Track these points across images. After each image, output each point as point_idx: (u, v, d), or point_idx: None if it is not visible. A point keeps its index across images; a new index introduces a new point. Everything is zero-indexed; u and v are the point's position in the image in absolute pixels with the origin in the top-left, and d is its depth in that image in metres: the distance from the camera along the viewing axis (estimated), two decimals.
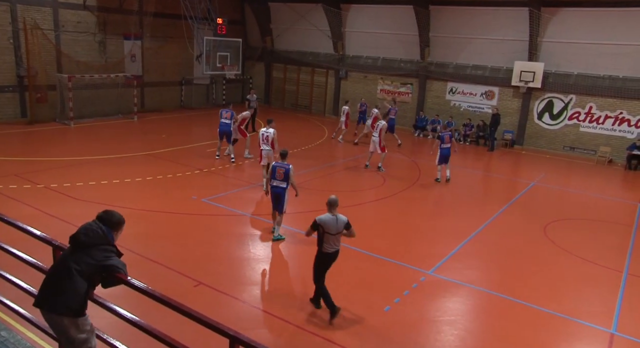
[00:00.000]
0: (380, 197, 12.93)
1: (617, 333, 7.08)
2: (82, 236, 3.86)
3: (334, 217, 6.70)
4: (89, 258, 3.79)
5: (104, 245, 3.90)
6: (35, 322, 4.51)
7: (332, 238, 6.73)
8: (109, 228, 4.04)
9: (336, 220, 6.69)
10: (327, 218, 6.69)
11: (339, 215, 6.76)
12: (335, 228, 6.69)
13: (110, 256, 3.89)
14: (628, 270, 9.36)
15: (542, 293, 8.18)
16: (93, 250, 3.83)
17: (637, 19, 18.75)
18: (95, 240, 3.87)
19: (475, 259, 9.52)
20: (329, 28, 25.86)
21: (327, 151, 18.68)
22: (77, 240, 3.86)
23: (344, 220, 6.77)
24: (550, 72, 20.94)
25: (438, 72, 23.62)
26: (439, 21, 22.99)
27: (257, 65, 29.63)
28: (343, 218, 6.76)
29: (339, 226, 6.71)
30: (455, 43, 22.99)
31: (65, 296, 3.70)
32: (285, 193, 9.27)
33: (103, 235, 3.91)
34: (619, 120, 19.99)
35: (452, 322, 7.19)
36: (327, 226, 6.66)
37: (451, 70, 23.40)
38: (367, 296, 7.63)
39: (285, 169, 9.14)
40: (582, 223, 11.98)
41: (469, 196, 13.99)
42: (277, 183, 9.23)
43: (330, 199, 6.78)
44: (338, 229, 6.72)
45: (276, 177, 9.21)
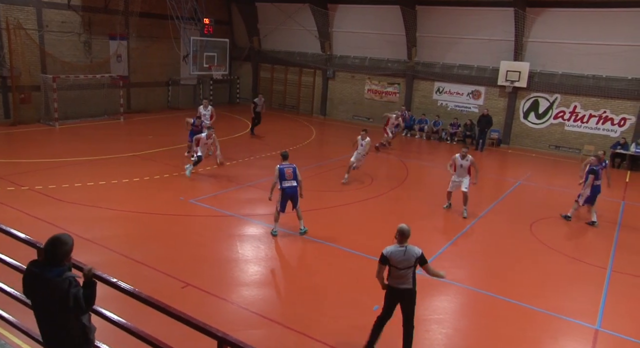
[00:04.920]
0: (368, 196, 12.96)
1: (602, 329, 7.18)
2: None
3: (403, 248, 5.81)
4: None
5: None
6: (20, 326, 4.45)
7: (399, 273, 5.83)
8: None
9: (404, 253, 5.79)
10: (394, 249, 5.83)
11: (409, 246, 5.85)
12: (402, 262, 5.78)
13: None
14: (612, 267, 9.49)
15: (529, 290, 8.26)
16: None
17: (619, 20, 19.03)
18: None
19: (462, 258, 9.59)
20: (316, 28, 25.87)
21: (316, 151, 18.69)
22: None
23: (416, 253, 5.83)
24: (535, 71, 21.17)
25: (425, 71, 23.75)
26: (425, 21, 23.11)
27: (244, 66, 29.55)
28: (415, 251, 5.84)
29: (408, 259, 5.78)
30: (442, 43, 23.14)
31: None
32: (297, 192, 9.71)
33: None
34: (603, 119, 20.28)
35: (440, 320, 7.24)
36: (394, 259, 5.79)
37: (438, 70, 23.55)
38: (356, 295, 7.65)
39: (293, 168, 9.66)
40: (567, 221, 12.11)
41: (456, 195, 14.06)
42: (289, 183, 9.58)
43: (400, 228, 5.87)
44: (407, 263, 5.79)
45: (286, 177, 9.56)
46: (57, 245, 3.57)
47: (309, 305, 7.30)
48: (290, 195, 9.64)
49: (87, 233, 8.96)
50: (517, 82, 21.15)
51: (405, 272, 5.81)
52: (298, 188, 9.68)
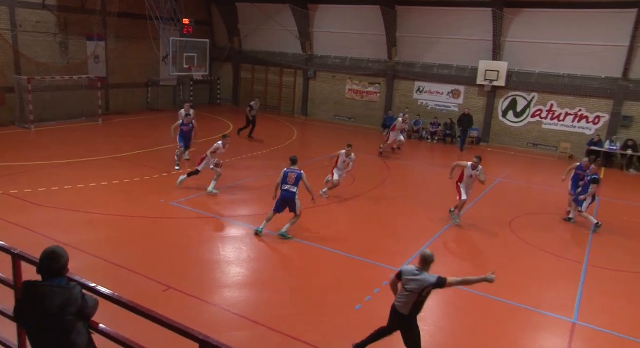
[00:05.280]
0: (350, 196, 13.00)
1: (578, 322, 7.34)
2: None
3: (418, 272, 5.46)
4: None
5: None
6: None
7: (403, 292, 5.54)
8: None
9: (416, 275, 5.43)
10: (411, 268, 5.55)
11: (426, 274, 5.45)
12: (410, 283, 5.45)
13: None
14: (588, 261, 9.70)
15: (509, 286, 8.39)
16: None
17: (593, 20, 19.43)
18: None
19: (443, 255, 9.69)
20: (296, 28, 25.87)
21: (298, 151, 18.61)
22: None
23: (428, 282, 5.37)
24: (513, 71, 21.50)
25: (405, 71, 23.93)
26: (405, 21, 23.29)
27: (225, 66, 29.39)
28: (428, 280, 5.38)
29: (417, 283, 5.40)
30: (422, 43, 23.34)
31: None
32: (296, 198, 9.62)
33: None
34: (578, 117, 20.71)
35: (422, 318, 7.24)
36: (405, 276, 5.51)
37: (418, 69, 23.74)
38: (339, 295, 7.68)
39: (297, 174, 9.65)
40: (545, 218, 12.34)
41: (438, 194, 14.21)
42: (289, 187, 9.60)
43: (424, 254, 5.54)
44: (414, 287, 5.42)
45: (288, 181, 9.60)
46: (55, 259, 3.48)
47: (292, 305, 7.31)
48: (285, 200, 9.63)
49: (66, 238, 8.81)
50: (496, 81, 21.45)
51: (407, 295, 5.47)
52: (297, 194, 9.60)
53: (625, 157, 19.41)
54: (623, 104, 19.82)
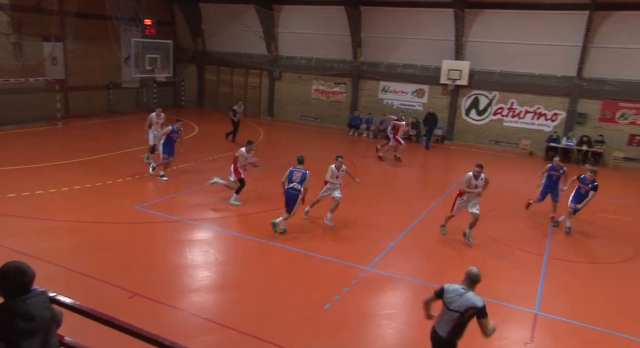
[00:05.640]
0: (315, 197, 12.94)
1: (540, 313, 7.59)
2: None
3: (463, 291, 5.03)
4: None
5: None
6: None
7: (442, 312, 5.15)
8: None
9: (461, 295, 5.00)
10: (453, 287, 5.12)
11: (471, 293, 5.00)
12: (452, 304, 5.01)
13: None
14: (549, 253, 10.04)
15: None
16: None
17: (549, 21, 20.10)
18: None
19: (411, 252, 9.86)
20: (261, 29, 25.76)
21: (265, 152, 18.55)
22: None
23: (473, 304, 4.90)
24: (475, 70, 22.01)
25: (370, 71, 24.16)
26: (370, 22, 23.51)
27: (189, 67, 28.98)
28: (474, 301, 4.92)
29: (460, 304, 4.95)
30: (386, 43, 23.62)
31: None
32: (298, 197, 9.87)
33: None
34: (537, 114, 21.40)
35: (391, 315, 7.41)
36: (447, 295, 5.10)
37: (383, 69, 24.01)
38: (308, 295, 7.70)
39: (303, 173, 9.91)
40: (507, 213, 12.67)
41: (405, 192, 14.44)
42: (294, 185, 9.88)
43: (470, 273, 5.13)
44: (456, 307, 4.97)
45: (293, 180, 9.88)
46: (24, 272, 3.25)
47: (261, 307, 7.28)
48: (289, 198, 9.90)
49: (25, 247, 8.52)
50: (459, 80, 21.91)
51: (448, 316, 5.04)
52: (300, 194, 9.85)
53: (581, 153, 20.16)
54: (578, 102, 20.60)
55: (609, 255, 10.34)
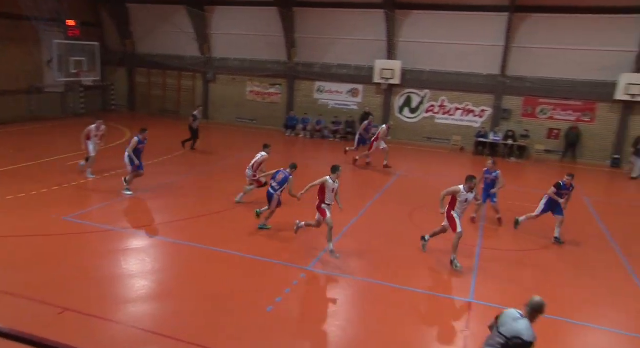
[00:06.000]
0: (254, 199, 12.84)
1: (475, 301, 7.94)
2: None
3: (518, 317, 4.71)
4: None
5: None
6: None
7: (493, 338, 4.79)
8: None
9: (514, 321, 4.70)
10: (511, 311, 4.82)
11: (525, 322, 4.66)
12: (502, 327, 4.72)
13: None
14: (481, 244, 10.52)
15: (411, 274, 8.86)
16: None
17: (473, 22, 21.07)
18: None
19: (351, 250, 9.97)
20: (193, 30, 25.22)
21: (200, 155, 18.22)
22: None
23: (520, 334, 4.57)
24: (407, 69, 22.68)
25: (305, 72, 24.29)
26: (303, 22, 23.63)
27: (118, 71, 27.87)
28: (522, 331, 4.59)
29: (508, 330, 4.65)
30: (320, 43, 23.83)
31: None
32: (275, 196, 10.35)
33: None
34: (466, 111, 22.40)
35: (333, 313, 7.49)
36: (502, 319, 4.81)
37: (318, 69, 24.21)
38: (250, 299, 7.62)
39: (285, 176, 10.32)
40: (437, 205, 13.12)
41: (343, 191, 14.57)
42: (274, 185, 10.39)
43: (532, 301, 4.74)
44: (506, 332, 4.67)
45: (275, 179, 10.42)
46: None
47: (201, 314, 7.13)
48: (267, 194, 10.49)
49: None
50: (392, 79, 22.50)
51: (495, 340, 4.75)
52: (277, 194, 10.34)
53: (506, 147, 21.30)
54: (502, 99, 21.75)
55: (533, 243, 10.96)
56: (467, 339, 6.89)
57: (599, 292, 8.72)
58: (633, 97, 19.60)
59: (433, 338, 7.00)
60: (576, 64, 20.37)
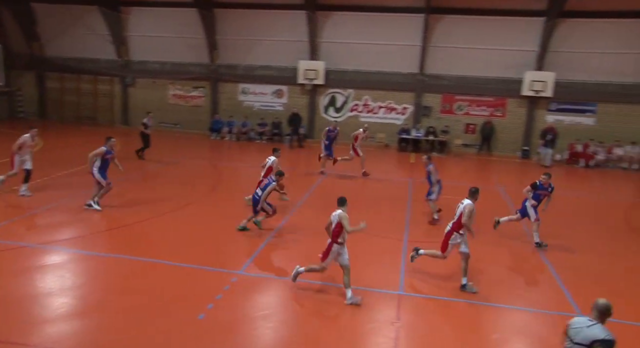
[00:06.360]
0: (178, 206, 12.44)
1: (404, 293, 8.22)
2: None
3: (590, 323, 4.68)
4: None
5: None
6: None
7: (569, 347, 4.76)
8: None
9: (587, 328, 4.66)
10: (579, 319, 4.82)
11: (598, 326, 4.64)
12: (577, 336, 4.68)
13: None
14: (407, 237, 10.90)
15: (338, 271, 8.98)
16: None
17: (393, 23, 21.85)
18: None
19: (282, 250, 10.00)
20: (109, 32, 24.09)
21: (122, 163, 17.43)
22: None
23: (603, 335, 4.55)
24: (330, 69, 23.03)
25: (229, 74, 23.99)
26: (224, 24, 23.31)
27: (26, 75, 26.05)
28: (597, 333, 4.58)
29: (584, 337, 4.62)
30: (242, 45, 23.63)
31: None
32: (260, 202, 10.38)
33: None
34: (389, 109, 23.17)
35: (266, 316, 7.44)
36: (572, 328, 4.78)
37: (241, 71, 23.99)
38: (180, 307, 7.40)
39: (268, 181, 10.48)
40: (367, 203, 13.46)
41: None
42: (258, 190, 10.56)
43: (597, 304, 4.72)
44: (582, 340, 4.64)
45: (260, 185, 10.61)
46: None
47: (128, 328, 6.82)
48: (252, 201, 10.63)
49: None
50: (316, 80, 22.76)
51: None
52: (261, 199, 10.35)
53: (428, 142, 22.25)
54: (422, 96, 22.68)
55: None
56: (399, 330, 7.10)
57: (514, 272, 9.32)
58: (537, 92, 21.19)
59: (366, 332, 7.15)
60: (486, 62, 21.68)
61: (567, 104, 21.88)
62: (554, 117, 21.94)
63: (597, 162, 21.03)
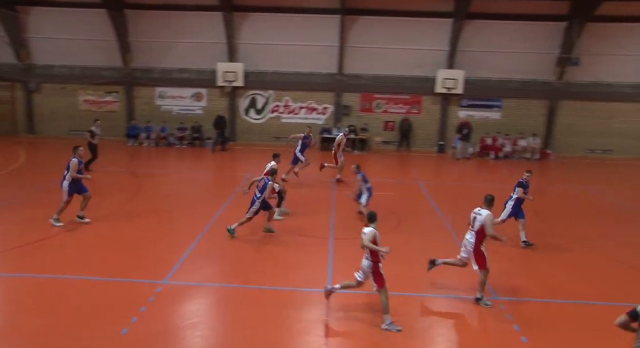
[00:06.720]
0: (93, 218, 11.75)
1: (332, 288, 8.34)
2: None
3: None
4: None
5: None
6: None
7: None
8: None
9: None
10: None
11: None
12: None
13: None
14: (333, 235, 11.09)
15: (273, 273, 8.99)
16: None
17: (311, 23, 22.13)
18: None
19: (208, 256, 9.78)
20: (5, 34, 22.31)
21: (29, 176, 16.27)
22: None
23: None
24: (250, 71, 22.87)
25: (144, 77, 23.12)
26: (137, 25, 22.40)
27: None
28: None
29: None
30: (158, 47, 22.86)
31: None
32: (256, 202, 10.54)
33: None
34: (310, 109, 23.47)
35: (195, 324, 7.26)
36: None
37: (157, 75, 23.20)
38: (102, 324, 7.03)
39: (265, 182, 10.54)
40: (292, 204, 13.50)
41: (195, 198, 14.20)
42: (256, 191, 10.70)
43: None
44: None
45: (257, 186, 10.71)
46: None
47: None
48: (251, 202, 10.71)
49: None
50: (235, 82, 22.50)
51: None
52: (259, 200, 10.51)
53: (349, 141, 22.69)
54: (342, 95, 23.17)
55: (380, 227, 11.84)
56: (327, 326, 7.21)
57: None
58: (449, 90, 22.38)
59: (297, 331, 7.19)
60: (402, 61, 22.57)
61: (476, 100, 23.31)
62: (466, 113, 23.27)
63: (505, 153, 22.60)
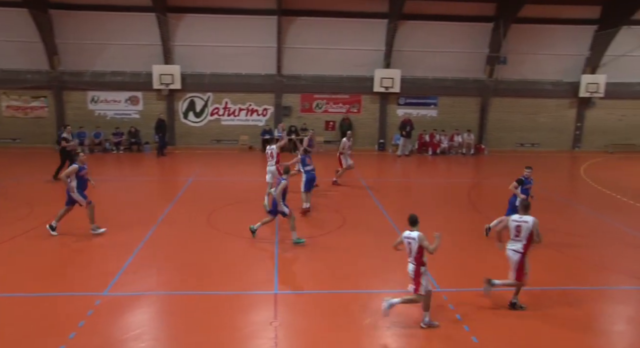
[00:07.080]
0: (20, 231, 11.11)
1: (278, 292, 8.35)
2: None
3: None
4: None
5: None
6: None
7: None
8: None
9: None
10: None
11: None
12: None
13: None
14: (278, 238, 11.06)
15: (219, 278, 8.86)
16: None
17: (247, 24, 21.97)
18: None
19: (151, 265, 9.48)
20: None
21: None
22: None
23: None
24: (187, 73, 22.39)
25: (74, 81, 22.09)
26: (64, 27, 21.34)
27: None
28: None
29: None
30: (88, 49, 21.91)
31: None
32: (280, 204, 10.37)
33: None
34: (250, 111, 23.30)
35: (138, 335, 7.03)
36: None
37: (88, 78, 22.23)
38: (37, 342, 6.66)
39: (279, 181, 10.48)
40: (237, 207, 13.40)
41: (135, 205, 13.74)
42: (272, 191, 10.74)
43: None
44: None
45: (273, 185, 10.90)
46: None
47: None
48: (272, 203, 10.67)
49: None
50: (172, 84, 21.95)
51: None
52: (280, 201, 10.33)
53: (291, 141, 22.74)
54: (282, 96, 23.16)
55: (324, 227, 11.96)
56: (277, 329, 7.20)
57: (387, 259, 9.97)
58: (387, 89, 22.92)
59: (244, 336, 7.13)
60: (340, 61, 22.86)
61: (413, 98, 24.00)
62: (404, 111, 23.90)
63: (442, 149, 23.43)
